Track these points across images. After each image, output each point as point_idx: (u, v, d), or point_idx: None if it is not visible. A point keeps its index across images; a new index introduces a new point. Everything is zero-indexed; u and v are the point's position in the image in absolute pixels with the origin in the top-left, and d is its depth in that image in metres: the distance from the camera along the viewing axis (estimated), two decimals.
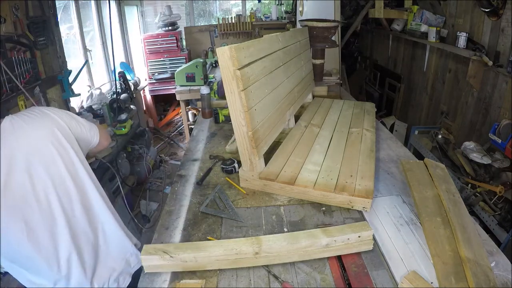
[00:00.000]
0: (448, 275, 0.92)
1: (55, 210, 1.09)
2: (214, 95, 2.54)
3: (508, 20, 2.37)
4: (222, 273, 1.00)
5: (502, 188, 2.12)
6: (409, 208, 1.25)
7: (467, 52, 2.71)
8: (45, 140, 1.10)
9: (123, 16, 4.72)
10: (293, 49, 1.98)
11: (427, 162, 1.44)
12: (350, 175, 1.35)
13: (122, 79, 3.66)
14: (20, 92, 2.21)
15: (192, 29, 5.55)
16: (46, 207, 1.08)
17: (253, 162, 1.35)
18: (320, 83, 2.69)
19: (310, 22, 2.48)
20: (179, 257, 0.98)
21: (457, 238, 1.02)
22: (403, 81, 4.23)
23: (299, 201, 1.32)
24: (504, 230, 2.00)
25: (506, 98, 2.41)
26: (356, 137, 1.71)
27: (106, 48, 4.09)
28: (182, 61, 4.89)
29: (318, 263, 1.02)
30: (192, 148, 1.86)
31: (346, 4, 4.83)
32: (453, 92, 3.16)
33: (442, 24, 3.25)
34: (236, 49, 1.20)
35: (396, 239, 1.10)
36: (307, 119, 1.96)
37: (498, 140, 2.29)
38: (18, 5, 2.28)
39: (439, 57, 3.39)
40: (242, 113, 1.25)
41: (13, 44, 2.20)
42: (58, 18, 2.86)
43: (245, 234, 1.16)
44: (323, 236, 1.02)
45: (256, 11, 5.50)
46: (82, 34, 3.51)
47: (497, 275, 0.94)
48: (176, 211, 1.30)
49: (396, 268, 0.99)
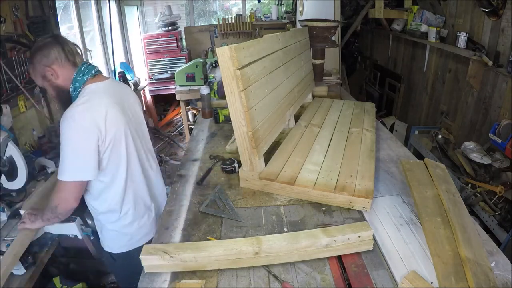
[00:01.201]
0: (448, 275, 0.92)
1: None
2: (214, 95, 2.54)
3: (508, 20, 2.37)
4: (222, 273, 1.00)
5: (502, 188, 2.12)
6: (409, 208, 1.25)
7: (467, 52, 2.71)
8: (137, 104, 1.51)
9: (123, 16, 4.72)
10: (293, 49, 1.98)
11: (427, 162, 1.44)
12: (350, 175, 1.35)
13: (122, 79, 3.67)
14: (20, 92, 2.21)
15: (192, 29, 5.54)
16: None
17: (253, 162, 1.35)
18: (320, 83, 2.69)
19: (310, 22, 2.48)
20: (179, 257, 0.98)
21: (457, 238, 1.02)
22: (403, 81, 4.23)
23: (299, 201, 1.32)
24: (504, 230, 2.00)
25: (506, 98, 2.41)
26: (356, 137, 1.71)
27: (106, 48, 4.09)
28: (182, 61, 4.89)
29: (318, 263, 1.02)
30: (192, 148, 1.86)
31: (346, 4, 4.83)
32: (453, 92, 3.16)
33: (442, 24, 3.25)
34: (236, 49, 1.20)
35: (396, 239, 1.10)
36: (307, 119, 1.96)
37: (498, 140, 2.29)
38: (18, 5, 2.28)
39: (439, 57, 3.39)
40: (242, 113, 1.25)
41: (13, 44, 2.21)
42: (58, 18, 2.86)
43: (245, 234, 1.15)
44: (323, 236, 1.02)
45: (256, 11, 5.50)
46: (82, 34, 3.51)
47: (497, 275, 0.94)
48: (176, 211, 1.30)
49: (396, 268, 0.98)
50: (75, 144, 1.19)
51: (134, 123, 1.44)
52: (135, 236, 1.45)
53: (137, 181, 1.44)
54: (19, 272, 1.46)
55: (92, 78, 1.32)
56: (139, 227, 1.45)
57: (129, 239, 1.44)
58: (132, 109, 1.45)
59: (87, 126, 1.20)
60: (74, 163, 1.20)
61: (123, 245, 1.45)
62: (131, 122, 1.40)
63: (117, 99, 1.34)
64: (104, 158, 1.27)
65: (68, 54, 1.27)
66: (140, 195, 1.46)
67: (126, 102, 1.41)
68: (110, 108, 1.26)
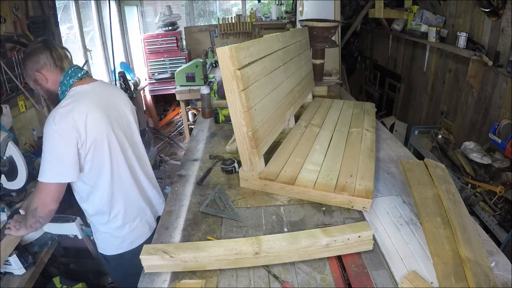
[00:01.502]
0: (448, 275, 0.92)
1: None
2: (214, 95, 2.54)
3: (508, 20, 2.37)
4: (222, 273, 1.00)
5: (502, 188, 2.12)
6: (409, 208, 1.25)
7: (467, 52, 2.71)
8: (127, 106, 1.48)
9: (123, 16, 4.72)
10: (293, 49, 1.98)
11: (427, 162, 1.44)
12: (350, 175, 1.35)
13: (122, 79, 3.66)
14: (20, 92, 2.21)
15: (192, 29, 5.54)
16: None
17: (253, 162, 1.35)
18: (320, 83, 2.69)
19: (310, 22, 2.48)
20: (179, 257, 0.98)
21: (457, 238, 1.02)
22: (403, 81, 4.23)
23: (299, 201, 1.32)
24: (504, 230, 2.00)
25: (506, 98, 2.41)
26: (356, 137, 1.71)
27: (106, 48, 4.09)
28: (182, 61, 4.89)
29: (318, 263, 1.02)
30: (192, 148, 1.86)
31: (346, 4, 4.83)
32: (453, 92, 3.16)
33: (442, 24, 3.25)
34: (236, 49, 1.20)
35: (396, 239, 1.10)
36: (307, 119, 1.96)
37: (498, 140, 2.29)
38: (18, 5, 2.28)
39: (439, 57, 3.39)
40: (242, 113, 1.25)
41: (13, 44, 2.20)
42: (58, 18, 2.86)
43: (245, 234, 1.15)
44: (323, 236, 1.02)
45: (256, 11, 5.49)
46: (82, 34, 3.51)
47: (497, 275, 0.94)
48: (176, 211, 1.29)
49: (396, 268, 0.98)
50: (54, 147, 1.21)
51: (122, 125, 1.42)
52: (126, 238, 1.45)
53: (127, 184, 1.44)
54: (19, 272, 1.46)
55: (79, 81, 1.32)
56: (131, 230, 1.45)
57: (121, 242, 1.44)
58: (120, 111, 1.44)
59: (67, 129, 1.20)
60: (54, 165, 1.22)
61: (115, 247, 1.45)
62: (117, 125, 1.39)
63: (102, 101, 1.34)
64: (86, 161, 1.28)
65: (56, 59, 1.30)
66: (131, 199, 1.45)
67: (112, 104, 1.40)
68: (91, 111, 1.26)
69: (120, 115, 1.44)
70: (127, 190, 1.44)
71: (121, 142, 1.40)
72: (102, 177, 1.34)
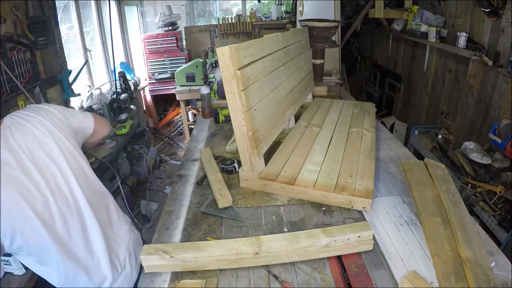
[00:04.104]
0: (448, 275, 0.92)
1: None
2: (214, 95, 2.54)
3: (508, 20, 2.37)
4: (222, 273, 1.00)
5: (502, 188, 2.12)
6: (409, 208, 1.25)
7: (467, 52, 2.71)
8: (45, 134, 1.13)
9: (123, 16, 4.72)
10: (293, 49, 1.98)
11: (427, 162, 1.44)
12: (350, 175, 1.35)
13: (122, 79, 3.66)
14: (20, 92, 2.21)
15: (192, 29, 5.54)
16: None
17: (253, 162, 1.35)
18: (320, 83, 2.69)
19: (310, 22, 2.48)
20: (179, 257, 0.98)
21: (457, 238, 1.02)
22: (403, 81, 4.23)
23: (299, 201, 1.32)
24: (504, 230, 2.00)
25: (506, 98, 2.41)
26: (356, 137, 1.71)
27: (106, 48, 4.09)
28: (182, 61, 4.89)
29: (318, 263, 1.02)
30: (192, 148, 1.86)
31: (346, 4, 4.83)
32: (453, 92, 3.16)
33: (442, 24, 3.25)
34: (236, 49, 1.20)
35: (396, 239, 1.10)
36: (307, 119, 1.96)
37: (498, 140, 2.29)
38: (18, 5, 2.28)
39: (439, 57, 3.39)
40: (242, 113, 1.25)
41: (13, 44, 2.20)
42: (58, 18, 2.86)
43: (245, 234, 1.16)
44: (323, 236, 1.02)
45: (256, 11, 5.50)
46: (82, 34, 3.51)
47: (497, 275, 0.94)
48: (176, 211, 1.30)
49: (396, 268, 0.99)
50: None
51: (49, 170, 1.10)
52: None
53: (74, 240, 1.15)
54: (19, 272, 1.46)
55: None
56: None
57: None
58: (46, 151, 1.11)
59: None
60: None
61: None
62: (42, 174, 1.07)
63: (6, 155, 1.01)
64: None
65: None
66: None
67: (27, 148, 1.07)
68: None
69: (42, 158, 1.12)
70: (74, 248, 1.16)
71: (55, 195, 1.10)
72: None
